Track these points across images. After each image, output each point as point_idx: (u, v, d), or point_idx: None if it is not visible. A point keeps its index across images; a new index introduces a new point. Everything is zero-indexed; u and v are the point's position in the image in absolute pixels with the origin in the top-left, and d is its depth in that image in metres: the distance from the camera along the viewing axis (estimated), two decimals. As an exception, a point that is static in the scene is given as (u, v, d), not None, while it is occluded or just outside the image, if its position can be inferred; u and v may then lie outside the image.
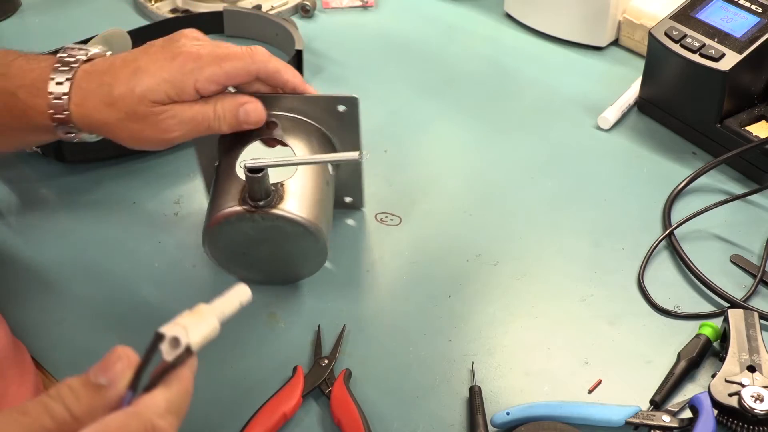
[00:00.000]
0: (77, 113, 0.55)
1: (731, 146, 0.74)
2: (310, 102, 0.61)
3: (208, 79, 0.55)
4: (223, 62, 0.55)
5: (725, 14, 0.77)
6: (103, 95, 0.55)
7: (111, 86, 0.54)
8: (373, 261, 0.67)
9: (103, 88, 0.55)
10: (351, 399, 0.54)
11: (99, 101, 0.55)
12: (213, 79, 0.55)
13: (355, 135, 0.62)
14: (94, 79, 0.55)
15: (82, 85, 0.55)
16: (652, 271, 0.66)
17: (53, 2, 1.03)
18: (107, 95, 0.54)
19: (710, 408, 0.53)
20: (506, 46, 0.97)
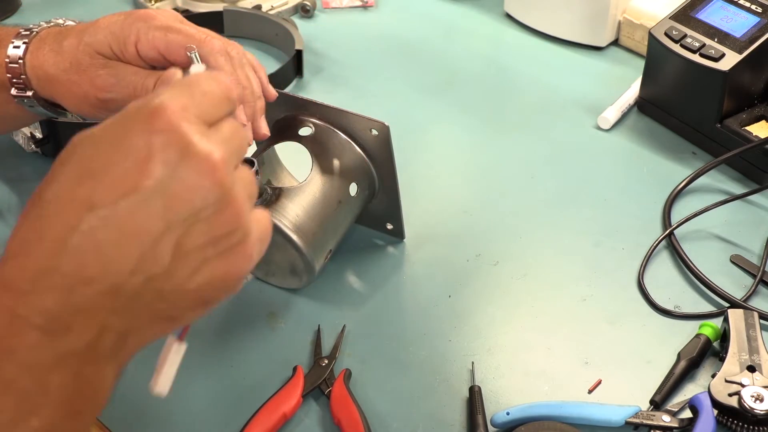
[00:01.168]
0: (29, 63, 0.55)
1: (731, 146, 0.74)
2: (345, 116, 0.60)
3: (149, 41, 0.52)
4: (170, 32, 0.52)
5: (725, 14, 0.77)
6: (54, 45, 0.55)
7: (63, 38, 0.55)
8: (373, 261, 0.66)
9: (56, 40, 0.55)
10: (351, 399, 0.54)
11: (49, 50, 0.55)
12: (154, 43, 0.52)
13: (389, 160, 0.61)
14: (51, 34, 0.56)
15: (40, 39, 0.56)
16: (652, 271, 0.66)
17: (53, 2, 1.03)
18: (57, 45, 0.55)
19: (710, 408, 0.53)
20: (506, 46, 0.97)
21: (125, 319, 0.34)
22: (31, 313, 0.32)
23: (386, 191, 0.64)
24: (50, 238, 0.33)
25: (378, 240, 0.68)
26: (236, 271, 0.36)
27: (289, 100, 0.62)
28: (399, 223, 0.66)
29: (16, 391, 0.32)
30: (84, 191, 0.33)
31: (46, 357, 0.32)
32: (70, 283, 0.32)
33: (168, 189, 0.33)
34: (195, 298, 0.36)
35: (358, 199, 0.62)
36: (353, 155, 0.61)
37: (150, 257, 0.33)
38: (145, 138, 0.33)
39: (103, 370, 0.34)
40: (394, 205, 0.65)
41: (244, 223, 0.35)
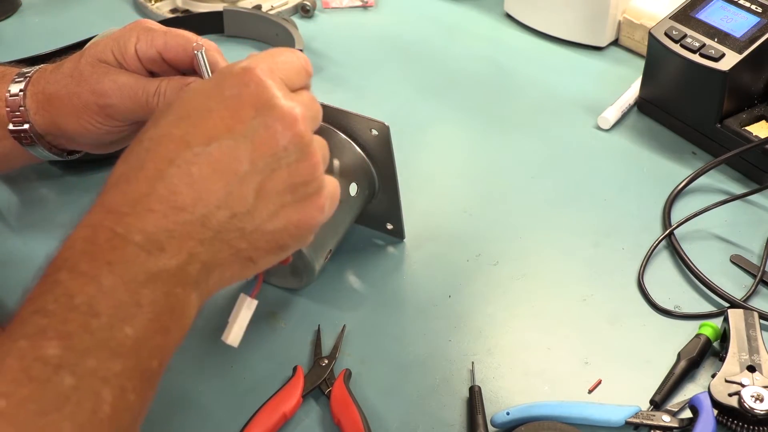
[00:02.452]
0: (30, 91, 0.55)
1: (731, 146, 0.74)
2: (345, 116, 0.60)
3: (148, 41, 0.53)
4: (168, 33, 0.53)
5: (725, 14, 0.77)
6: (54, 68, 0.56)
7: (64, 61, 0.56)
8: (373, 261, 0.66)
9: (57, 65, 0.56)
10: (351, 399, 0.54)
11: (49, 73, 0.56)
12: (152, 42, 0.53)
13: (389, 160, 0.61)
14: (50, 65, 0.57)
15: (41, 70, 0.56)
16: (652, 271, 0.66)
17: (53, 2, 1.03)
18: (57, 67, 0.56)
19: (710, 408, 0.53)
20: (506, 46, 0.97)
21: (210, 251, 0.38)
22: (130, 232, 0.36)
23: (386, 191, 0.64)
24: (150, 168, 0.37)
25: (378, 240, 0.68)
26: (309, 220, 0.40)
27: None
28: (399, 223, 0.66)
29: (114, 299, 0.35)
30: (181, 131, 0.38)
31: (141, 272, 0.36)
32: (165, 209, 0.37)
33: (255, 134, 0.38)
34: (272, 241, 0.40)
35: (358, 199, 0.62)
36: (353, 155, 0.61)
37: (236, 194, 0.38)
38: (237, 90, 0.39)
39: (189, 295, 0.38)
40: (394, 205, 0.65)
41: (319, 176, 0.40)
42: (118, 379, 0.34)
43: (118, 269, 0.36)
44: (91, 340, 0.34)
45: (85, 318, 0.34)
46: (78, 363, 0.33)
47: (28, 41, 0.94)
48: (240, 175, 0.38)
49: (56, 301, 0.35)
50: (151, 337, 0.36)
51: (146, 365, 0.36)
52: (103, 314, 0.35)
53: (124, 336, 0.35)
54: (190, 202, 0.37)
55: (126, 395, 0.35)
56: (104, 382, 0.34)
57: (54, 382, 0.32)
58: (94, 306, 0.34)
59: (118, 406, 0.34)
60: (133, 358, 0.35)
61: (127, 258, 0.36)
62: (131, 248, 0.36)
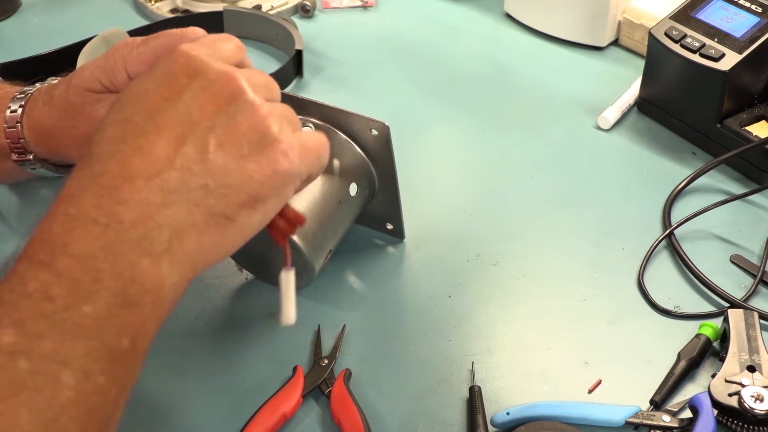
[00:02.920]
0: (26, 124, 0.55)
1: (731, 146, 0.74)
2: (345, 116, 0.60)
3: (136, 59, 0.51)
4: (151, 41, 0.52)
5: (725, 14, 0.77)
6: (46, 99, 0.55)
7: (53, 89, 0.55)
8: (373, 261, 0.66)
9: (47, 93, 0.55)
10: (351, 399, 0.54)
11: (42, 105, 0.55)
12: (141, 58, 0.51)
13: (389, 160, 0.61)
14: (42, 91, 0.56)
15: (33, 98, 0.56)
16: (652, 271, 0.66)
17: (53, 2, 1.03)
18: (49, 97, 0.55)
19: (710, 408, 0.53)
20: (506, 46, 0.97)
21: (176, 214, 0.37)
22: (83, 210, 0.36)
23: (386, 191, 0.64)
24: (98, 152, 0.38)
25: (378, 240, 0.68)
26: (274, 166, 0.40)
27: (288, 100, 0.62)
28: (399, 223, 0.66)
29: (68, 280, 0.34)
30: (124, 115, 0.39)
31: (98, 248, 0.35)
32: (118, 182, 0.37)
33: (193, 98, 0.39)
34: (242, 194, 0.39)
35: (358, 199, 0.62)
36: (353, 155, 0.61)
37: (187, 153, 0.38)
38: (167, 67, 0.40)
39: (159, 265, 0.36)
40: (394, 205, 0.65)
41: (270, 126, 0.40)
42: (79, 361, 0.33)
43: (73, 248, 0.35)
44: (45, 324, 0.33)
45: (39, 303, 0.34)
46: (33, 348, 0.33)
47: (28, 41, 0.94)
48: (186, 136, 0.38)
49: (11, 291, 0.34)
50: (116, 314, 0.35)
51: (114, 344, 0.35)
52: (57, 297, 0.34)
53: (82, 315, 0.34)
54: (142, 169, 0.37)
55: (91, 377, 0.34)
56: (63, 365, 0.33)
57: (9, 369, 0.32)
58: (48, 290, 0.34)
59: (82, 389, 0.33)
60: (96, 338, 0.34)
61: (82, 236, 0.35)
62: (86, 225, 0.35)
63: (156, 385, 0.56)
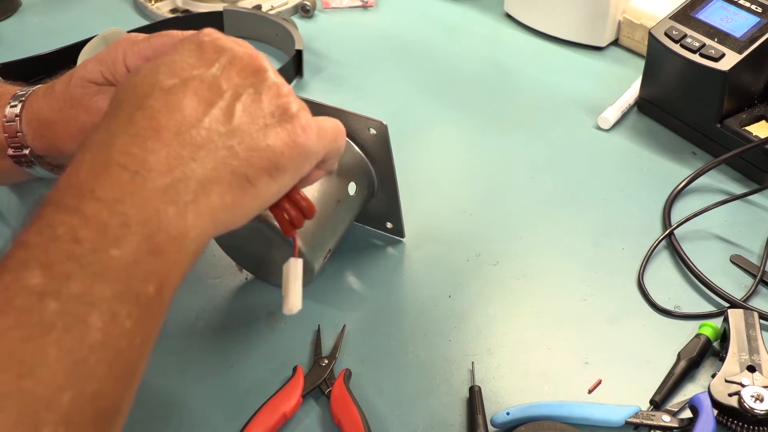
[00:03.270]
0: (25, 117, 0.55)
1: (731, 146, 0.74)
2: (343, 115, 0.60)
3: (136, 53, 0.52)
4: (154, 38, 0.53)
5: (725, 14, 0.77)
6: (46, 92, 0.55)
7: (54, 83, 0.55)
8: (373, 261, 0.66)
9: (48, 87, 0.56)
10: (351, 399, 0.54)
11: (42, 97, 0.55)
12: (141, 54, 0.52)
13: (388, 159, 0.61)
14: (42, 87, 0.56)
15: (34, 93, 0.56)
16: (652, 271, 0.66)
17: (53, 2, 1.03)
18: (49, 90, 0.55)
19: (710, 408, 0.53)
20: (506, 46, 0.97)
21: (203, 168, 0.38)
22: (112, 157, 0.36)
23: (385, 190, 0.64)
24: (127, 106, 0.39)
25: (378, 240, 0.68)
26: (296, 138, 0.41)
27: None
28: (399, 221, 0.66)
29: (96, 223, 0.35)
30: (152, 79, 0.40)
31: (127, 193, 0.36)
32: (147, 132, 0.37)
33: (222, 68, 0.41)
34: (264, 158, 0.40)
35: (358, 198, 0.62)
36: (352, 154, 0.61)
37: (215, 115, 0.39)
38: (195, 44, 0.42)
39: (185, 215, 0.37)
40: (393, 204, 0.65)
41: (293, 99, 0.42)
42: (107, 303, 0.34)
43: (101, 193, 0.35)
44: (74, 266, 0.34)
45: (68, 245, 0.34)
46: (61, 289, 0.33)
47: (28, 41, 0.94)
48: (217, 101, 0.40)
49: (39, 234, 0.35)
50: (143, 260, 0.35)
51: (140, 289, 0.35)
52: (85, 240, 0.34)
53: (110, 258, 0.34)
54: (171, 124, 0.38)
55: (118, 320, 0.34)
56: (91, 307, 0.33)
57: (37, 310, 0.32)
58: (77, 233, 0.34)
59: (110, 331, 0.34)
60: (123, 281, 0.34)
61: (110, 181, 0.36)
62: (115, 171, 0.36)
63: (156, 385, 0.56)
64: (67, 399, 0.32)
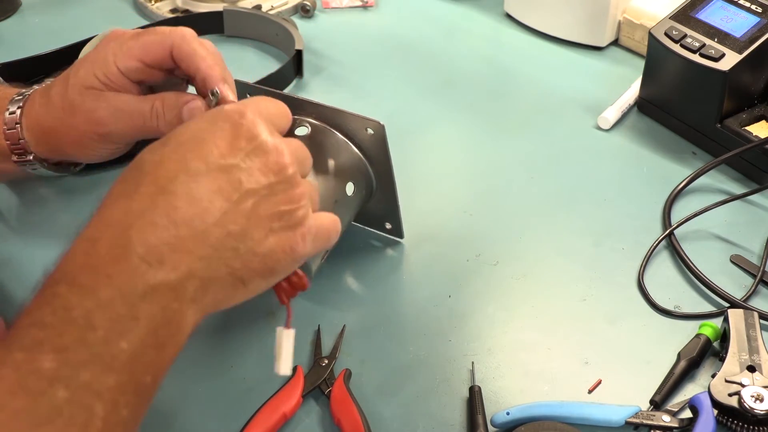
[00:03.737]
0: (25, 124, 0.55)
1: (731, 146, 0.74)
2: (341, 115, 0.60)
3: (125, 53, 0.52)
4: (141, 36, 0.53)
5: (725, 14, 0.77)
6: (43, 99, 0.55)
7: (50, 88, 0.55)
8: (373, 261, 0.67)
9: (43, 94, 0.56)
10: (351, 399, 0.54)
11: (39, 105, 0.55)
12: (130, 53, 0.52)
13: (385, 159, 0.61)
14: (39, 91, 0.56)
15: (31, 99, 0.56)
16: (652, 271, 0.66)
17: (53, 2, 1.03)
18: (46, 98, 0.55)
19: (710, 408, 0.53)
20: (506, 46, 0.97)
21: (208, 268, 0.39)
22: (132, 244, 0.37)
23: (384, 190, 0.64)
24: (150, 185, 0.39)
25: (378, 240, 0.68)
26: (294, 246, 0.42)
27: (285, 100, 0.62)
28: (397, 222, 0.66)
29: (111, 313, 0.35)
30: (179, 156, 0.40)
31: (140, 285, 0.36)
32: (166, 223, 0.38)
33: (249, 162, 0.41)
34: (262, 263, 0.41)
35: (356, 198, 0.62)
36: (350, 155, 0.61)
37: (231, 214, 0.40)
38: (230, 124, 0.42)
39: (186, 312, 0.38)
40: (392, 204, 0.65)
41: (302, 207, 0.43)
42: (111, 393, 0.35)
43: (117, 281, 0.36)
44: (86, 354, 0.34)
45: (82, 331, 0.35)
46: (72, 376, 0.34)
47: (28, 41, 0.94)
48: (235, 198, 0.40)
49: (54, 314, 0.35)
50: (146, 352, 0.36)
51: (140, 380, 0.36)
52: (99, 328, 0.35)
53: (120, 350, 0.35)
54: (189, 217, 0.38)
55: (118, 410, 0.35)
56: (97, 396, 0.34)
57: (48, 395, 0.33)
58: (91, 319, 0.35)
59: (110, 420, 0.34)
60: (127, 372, 0.35)
61: (127, 270, 0.36)
62: (133, 260, 0.36)
63: (156, 385, 0.56)
64: None
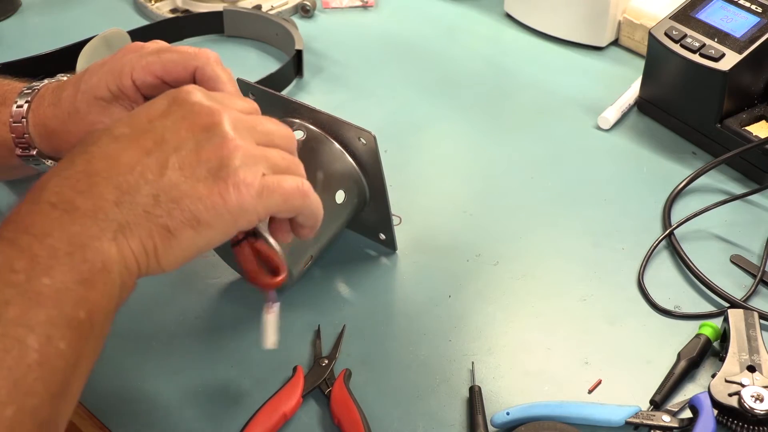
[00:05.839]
0: (32, 121, 0.55)
1: (731, 146, 0.74)
2: (336, 123, 0.60)
3: (144, 68, 0.52)
4: (163, 53, 0.52)
5: (725, 14, 0.77)
6: (53, 99, 0.55)
7: (62, 90, 0.55)
8: (373, 261, 0.67)
9: (54, 94, 0.55)
10: (351, 399, 0.54)
11: (48, 104, 0.55)
12: (149, 68, 0.52)
13: (378, 171, 0.61)
14: (50, 89, 0.56)
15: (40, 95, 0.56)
16: (652, 271, 0.66)
17: (53, 2, 1.03)
18: (56, 98, 0.55)
19: (710, 408, 0.53)
20: (506, 46, 0.97)
21: (125, 214, 0.41)
22: (45, 195, 0.40)
23: (377, 201, 0.63)
24: (75, 152, 0.43)
25: (377, 242, 0.68)
26: (224, 194, 0.42)
27: (283, 103, 0.62)
28: (390, 234, 0.65)
29: (29, 255, 0.38)
30: (113, 125, 0.43)
31: (56, 228, 0.39)
32: (80, 175, 0.41)
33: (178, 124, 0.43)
34: (186, 211, 0.42)
35: (346, 206, 0.61)
36: (342, 162, 0.61)
37: (148, 164, 0.42)
38: (168, 98, 0.44)
39: (108, 251, 0.40)
40: (384, 216, 0.64)
41: (237, 157, 0.42)
42: (42, 327, 0.37)
43: (33, 229, 0.39)
44: (11, 293, 0.37)
45: (5, 274, 0.38)
46: (1, 314, 0.36)
47: (28, 41, 0.94)
48: (155, 151, 0.42)
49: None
50: (73, 288, 0.38)
51: (72, 314, 0.38)
52: (20, 270, 0.38)
53: (42, 285, 0.38)
54: (103, 168, 0.41)
55: (54, 342, 0.37)
56: (28, 330, 0.37)
57: None
58: (12, 263, 0.38)
59: (46, 352, 0.37)
60: (55, 307, 0.38)
61: (41, 218, 0.39)
62: (45, 209, 0.40)
63: (156, 385, 0.56)
64: (10, 414, 0.35)
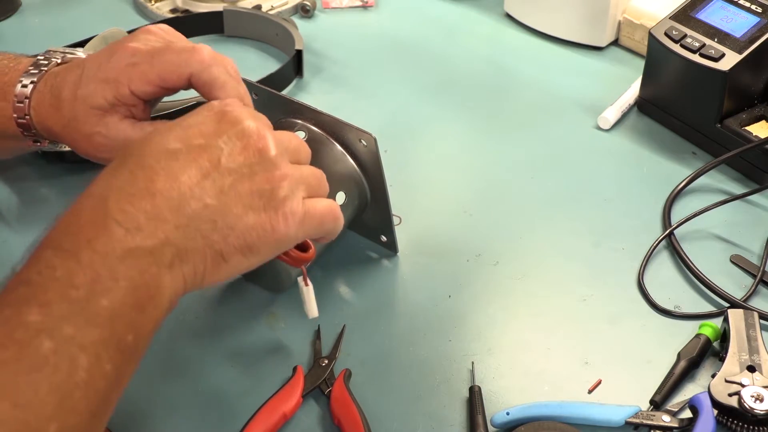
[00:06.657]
0: (35, 118, 0.54)
1: (731, 146, 0.74)
2: (338, 125, 0.60)
3: (140, 78, 0.50)
4: (156, 59, 0.50)
5: (725, 14, 0.77)
6: (53, 99, 0.53)
7: (60, 89, 0.53)
8: (373, 261, 0.67)
9: (53, 92, 0.53)
10: (351, 399, 0.54)
11: (49, 105, 0.53)
12: (145, 78, 0.50)
13: (379, 173, 0.61)
14: (49, 81, 0.54)
15: (40, 88, 0.54)
16: (652, 271, 0.66)
17: (53, 2, 1.03)
18: (56, 99, 0.53)
19: (710, 408, 0.53)
20: (506, 46, 0.97)
21: (184, 237, 0.41)
22: (110, 211, 0.39)
23: (378, 202, 0.63)
24: (131, 163, 0.42)
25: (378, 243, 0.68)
26: (274, 225, 0.43)
27: (285, 104, 0.62)
28: (392, 236, 0.65)
29: (92, 272, 0.38)
30: (163, 139, 0.43)
31: (119, 248, 0.39)
32: (143, 192, 0.40)
33: (229, 143, 0.43)
34: (241, 238, 0.42)
35: (347, 208, 0.61)
36: (343, 164, 0.61)
37: (208, 187, 0.42)
38: (214, 113, 0.44)
39: (163, 277, 0.40)
40: (385, 218, 0.64)
41: (284, 187, 0.44)
42: (94, 347, 0.37)
43: (96, 245, 0.38)
44: (68, 309, 0.37)
45: (65, 289, 0.37)
46: (56, 328, 0.36)
47: (28, 41, 0.94)
48: (213, 174, 0.42)
49: (39, 274, 0.38)
50: (126, 312, 0.38)
51: (121, 337, 0.38)
52: (81, 286, 0.37)
53: (100, 307, 0.37)
54: (166, 189, 0.41)
55: (101, 363, 0.37)
56: (81, 349, 0.36)
57: (34, 346, 0.35)
58: (73, 279, 0.37)
59: (93, 372, 0.37)
60: (109, 329, 0.38)
61: (105, 234, 0.39)
62: (111, 225, 0.39)
63: (156, 385, 0.56)
64: (53, 430, 0.35)
